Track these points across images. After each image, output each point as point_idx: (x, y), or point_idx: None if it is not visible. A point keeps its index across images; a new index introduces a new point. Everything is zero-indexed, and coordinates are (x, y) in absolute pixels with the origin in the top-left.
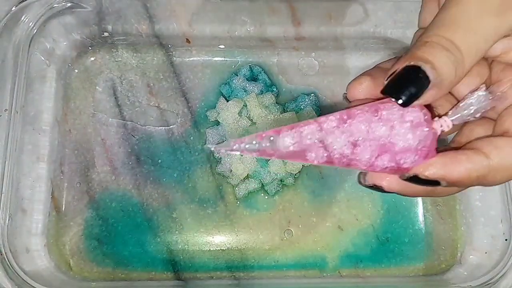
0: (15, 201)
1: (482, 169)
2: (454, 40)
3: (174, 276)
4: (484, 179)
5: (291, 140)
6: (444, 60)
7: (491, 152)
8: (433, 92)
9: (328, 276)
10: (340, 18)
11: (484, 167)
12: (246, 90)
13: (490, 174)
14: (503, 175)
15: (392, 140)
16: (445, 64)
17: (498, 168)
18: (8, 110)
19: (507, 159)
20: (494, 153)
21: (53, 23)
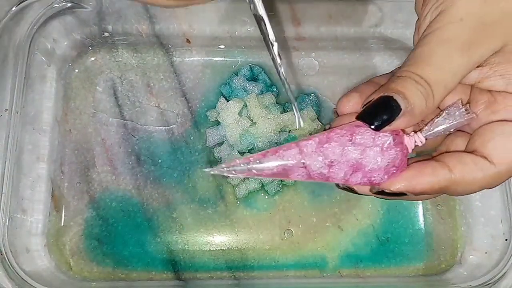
0: (15, 201)
1: (444, 182)
2: (423, 76)
3: (174, 276)
4: (445, 191)
5: (274, 164)
6: (415, 91)
7: (455, 166)
8: (404, 119)
9: (328, 276)
10: (340, 18)
11: (446, 180)
12: (246, 90)
13: (452, 187)
14: (464, 189)
15: (364, 162)
16: (415, 95)
17: (459, 182)
18: (8, 110)
19: (468, 175)
20: (458, 168)
21: (54, 23)
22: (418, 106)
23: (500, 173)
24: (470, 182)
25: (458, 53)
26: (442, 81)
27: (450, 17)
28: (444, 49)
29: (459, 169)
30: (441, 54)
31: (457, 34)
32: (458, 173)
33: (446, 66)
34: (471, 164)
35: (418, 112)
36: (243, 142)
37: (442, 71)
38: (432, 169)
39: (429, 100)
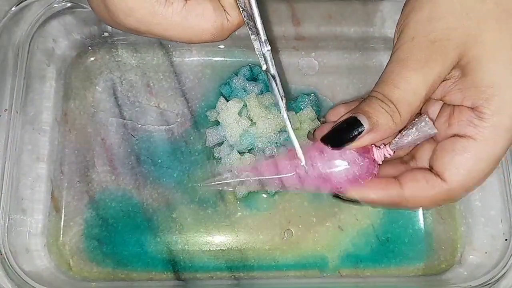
0: (15, 201)
1: (394, 197)
2: (387, 95)
3: (174, 276)
4: (396, 206)
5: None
6: (379, 110)
7: (406, 183)
8: (370, 136)
9: (328, 276)
10: (340, 18)
11: (396, 196)
12: (246, 90)
13: (402, 203)
14: (415, 205)
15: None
16: (380, 113)
17: (409, 199)
18: (8, 110)
19: (419, 192)
20: (409, 185)
21: (53, 23)
22: (384, 123)
23: (452, 190)
24: (421, 199)
25: (413, 72)
26: (403, 99)
27: (405, 37)
28: (401, 69)
29: (409, 186)
30: (399, 73)
31: (411, 54)
32: (408, 190)
33: (404, 85)
34: (422, 182)
35: (384, 128)
36: (243, 142)
37: (402, 90)
38: (385, 184)
39: (395, 117)
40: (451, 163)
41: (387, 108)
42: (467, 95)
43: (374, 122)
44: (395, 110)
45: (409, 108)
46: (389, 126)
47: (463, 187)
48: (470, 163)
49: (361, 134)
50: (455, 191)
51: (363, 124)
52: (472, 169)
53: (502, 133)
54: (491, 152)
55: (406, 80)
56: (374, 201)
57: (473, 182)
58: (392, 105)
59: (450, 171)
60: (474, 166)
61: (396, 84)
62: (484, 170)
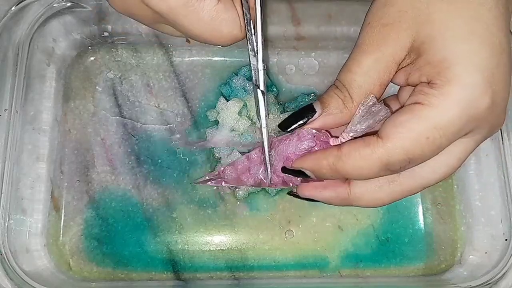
0: (15, 201)
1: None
2: (340, 79)
3: (174, 276)
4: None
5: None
6: (331, 95)
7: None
8: (321, 119)
9: (328, 276)
10: (340, 18)
11: (333, 156)
12: (246, 90)
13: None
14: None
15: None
16: (331, 98)
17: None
18: (8, 109)
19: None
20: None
21: (53, 23)
22: (334, 107)
23: (388, 148)
24: (358, 158)
25: (364, 55)
26: (354, 82)
27: (363, 24)
28: (354, 53)
29: (346, 146)
30: (352, 58)
31: (364, 38)
32: (344, 149)
33: (356, 68)
34: (359, 141)
35: (335, 112)
36: (243, 142)
37: (353, 73)
38: (324, 150)
39: (347, 101)
40: (391, 123)
41: (339, 93)
42: (422, 73)
43: (325, 106)
44: (347, 94)
45: (360, 90)
46: (340, 110)
47: (401, 148)
48: (412, 124)
49: (312, 118)
50: (390, 150)
51: (316, 109)
52: (414, 131)
53: (451, 102)
54: (437, 118)
55: (358, 63)
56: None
57: (413, 145)
58: (344, 89)
59: (388, 129)
60: (416, 128)
61: (349, 68)
62: (428, 136)
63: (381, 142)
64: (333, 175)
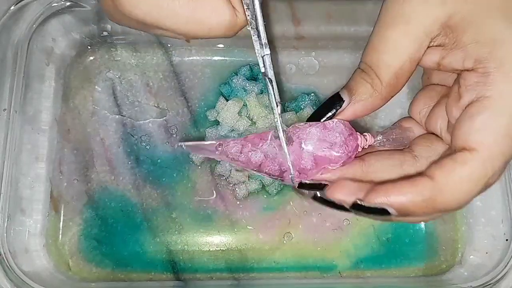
0: (14, 201)
1: (427, 192)
2: (366, 61)
3: (174, 276)
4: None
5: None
6: (358, 80)
7: (434, 172)
8: (351, 108)
9: (328, 276)
10: (340, 18)
11: (429, 188)
12: (246, 90)
13: (438, 195)
14: (454, 193)
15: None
16: (358, 83)
17: (444, 187)
18: (7, 109)
19: (452, 174)
20: (438, 172)
21: (52, 22)
22: (362, 93)
23: (487, 157)
24: (458, 181)
25: (391, 30)
26: (382, 61)
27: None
28: (379, 29)
29: (439, 173)
30: (377, 34)
31: (389, 11)
32: (439, 177)
33: (382, 46)
34: (450, 163)
35: (364, 98)
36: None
37: (380, 52)
38: (411, 181)
39: (376, 84)
40: (473, 127)
41: (366, 77)
42: (468, 53)
43: (353, 93)
44: (375, 76)
45: (389, 70)
46: (369, 95)
47: (498, 151)
48: (494, 122)
49: (341, 107)
50: (491, 157)
51: (343, 98)
52: (499, 126)
53: None
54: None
55: (384, 39)
56: (405, 205)
57: (505, 141)
58: (371, 72)
59: (474, 135)
60: (499, 123)
61: (374, 46)
62: (480, 191)
63: (477, 154)
64: (426, 212)
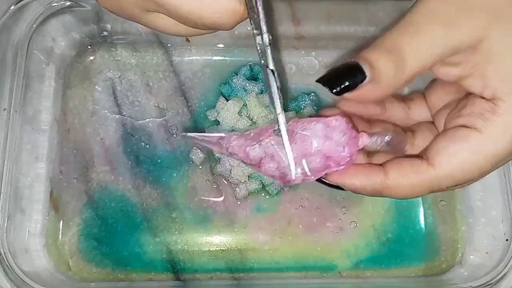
0: (14, 201)
1: (376, 185)
2: (398, 43)
3: (174, 276)
4: (379, 193)
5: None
6: (384, 60)
7: (390, 169)
8: (368, 88)
9: (328, 276)
10: (340, 17)
11: (379, 183)
12: (246, 90)
13: (384, 190)
14: (397, 193)
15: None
16: (384, 65)
17: (392, 186)
18: (7, 109)
19: (403, 178)
20: (393, 171)
21: (52, 22)
22: (386, 76)
23: (438, 177)
24: (404, 186)
25: (438, 27)
26: (415, 52)
27: None
28: (424, 20)
29: (393, 172)
30: (420, 24)
31: (441, 8)
32: (391, 176)
33: (423, 37)
34: (407, 167)
35: (385, 82)
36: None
37: (418, 41)
38: (369, 170)
39: (399, 71)
40: (445, 150)
41: (393, 59)
42: (490, 85)
43: (376, 71)
44: (401, 62)
45: (416, 64)
46: (388, 81)
47: (451, 177)
48: (466, 154)
49: (363, 83)
50: (441, 179)
51: (366, 73)
52: (467, 160)
53: (510, 133)
54: (493, 150)
55: (426, 34)
56: (356, 188)
57: (464, 175)
58: (400, 56)
59: (441, 157)
60: (469, 158)
61: (414, 34)
62: (480, 166)
63: (432, 170)
64: (375, 195)
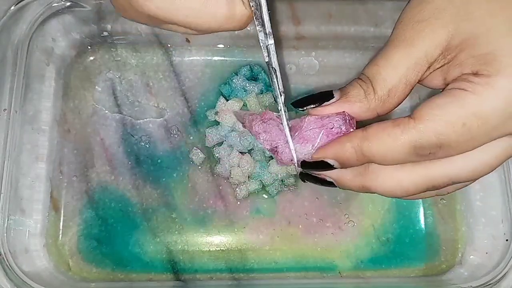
0: (14, 201)
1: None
2: (366, 73)
3: (174, 277)
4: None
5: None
6: (353, 84)
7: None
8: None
9: (328, 276)
10: (340, 18)
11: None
12: (246, 90)
13: (364, 144)
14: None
15: None
16: (352, 87)
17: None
18: (7, 109)
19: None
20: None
21: (53, 22)
22: (354, 95)
23: (420, 130)
24: (386, 139)
25: (395, 50)
26: (379, 75)
27: (396, 22)
28: (385, 49)
29: (372, 127)
30: (382, 53)
31: (397, 34)
32: (371, 129)
33: (383, 62)
34: (387, 122)
35: (353, 101)
36: (243, 142)
37: (380, 66)
38: (347, 134)
39: (369, 92)
40: (427, 104)
41: (362, 83)
42: (465, 67)
43: (344, 94)
44: (370, 86)
45: (384, 84)
46: (359, 99)
47: (434, 130)
48: (450, 108)
49: (328, 101)
50: (423, 132)
51: (334, 95)
52: (450, 114)
53: (497, 92)
54: (479, 107)
55: (386, 57)
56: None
57: (448, 130)
58: (368, 81)
59: (423, 110)
60: (453, 112)
61: (376, 62)
62: (465, 122)
63: (413, 122)
64: (358, 159)
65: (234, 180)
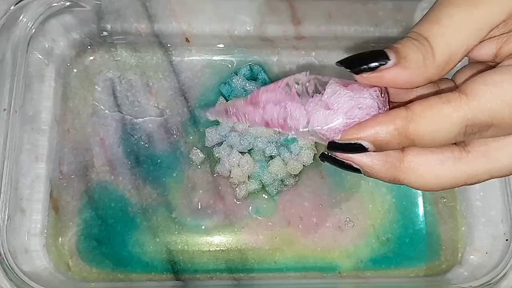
0: (14, 201)
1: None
2: (421, 32)
3: (174, 277)
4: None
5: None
6: (410, 47)
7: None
8: (394, 71)
9: (328, 276)
10: (340, 18)
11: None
12: (246, 90)
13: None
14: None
15: None
16: (409, 49)
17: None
18: (6, 109)
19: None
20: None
21: (52, 23)
22: (414, 62)
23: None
24: (436, 117)
25: (457, 9)
26: (442, 35)
27: None
28: (444, 5)
29: (417, 105)
30: (440, 9)
31: None
32: (416, 108)
33: (445, 21)
34: (433, 99)
35: (413, 67)
36: (243, 142)
37: (442, 25)
38: (386, 112)
39: (428, 59)
40: (480, 80)
41: (420, 46)
42: None
43: (402, 56)
44: (430, 50)
45: (448, 48)
46: (418, 66)
47: (489, 109)
48: (507, 85)
49: (386, 65)
50: (477, 109)
51: (389, 57)
52: (508, 93)
53: None
54: None
55: (449, 16)
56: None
57: (504, 109)
58: (426, 43)
59: (475, 85)
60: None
61: (437, 19)
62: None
63: (465, 98)
64: (400, 142)
65: (234, 180)
